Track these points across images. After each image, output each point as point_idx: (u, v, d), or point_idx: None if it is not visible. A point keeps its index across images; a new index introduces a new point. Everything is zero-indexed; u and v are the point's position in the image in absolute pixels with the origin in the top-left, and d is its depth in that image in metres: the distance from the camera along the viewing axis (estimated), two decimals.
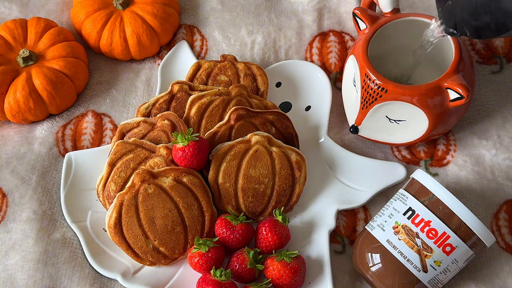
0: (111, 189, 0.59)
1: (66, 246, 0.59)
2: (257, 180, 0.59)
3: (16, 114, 0.65)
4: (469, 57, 0.60)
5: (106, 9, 0.70)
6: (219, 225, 0.57)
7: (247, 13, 0.73)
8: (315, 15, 0.72)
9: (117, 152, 0.60)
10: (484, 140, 0.63)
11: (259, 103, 0.63)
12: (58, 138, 0.66)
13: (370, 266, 0.54)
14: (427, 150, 0.64)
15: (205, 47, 0.72)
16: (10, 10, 0.74)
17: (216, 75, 0.67)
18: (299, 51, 0.70)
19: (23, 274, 0.57)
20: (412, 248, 0.52)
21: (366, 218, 0.60)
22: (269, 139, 0.60)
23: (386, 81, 0.57)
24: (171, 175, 0.57)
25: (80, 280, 0.57)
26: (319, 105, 0.66)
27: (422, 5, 0.72)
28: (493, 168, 0.62)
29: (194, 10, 0.74)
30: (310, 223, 0.60)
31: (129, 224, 0.56)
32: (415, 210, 0.53)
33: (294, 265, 0.54)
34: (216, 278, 0.53)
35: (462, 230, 0.52)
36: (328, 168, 0.62)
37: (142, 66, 0.71)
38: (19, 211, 0.61)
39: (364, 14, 0.61)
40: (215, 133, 0.61)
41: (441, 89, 0.57)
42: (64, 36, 0.69)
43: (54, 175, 0.64)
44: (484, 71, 0.67)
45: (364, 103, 0.59)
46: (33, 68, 0.66)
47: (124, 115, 0.68)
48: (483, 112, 0.65)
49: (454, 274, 0.54)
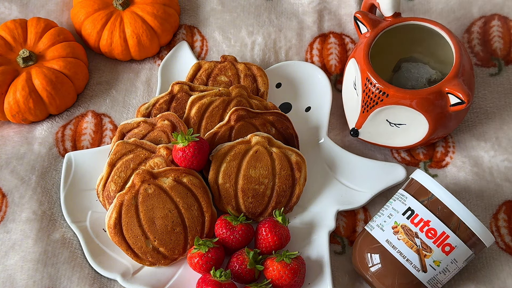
0: (111, 189, 0.59)
1: (65, 247, 0.59)
2: (257, 180, 0.59)
3: (16, 114, 0.65)
4: (469, 61, 0.61)
5: (106, 9, 0.70)
6: (219, 225, 0.57)
7: (248, 13, 0.73)
8: (316, 17, 0.72)
9: (117, 152, 0.60)
10: (482, 142, 0.64)
11: (259, 104, 0.64)
12: (58, 138, 0.66)
13: (369, 266, 0.54)
14: (426, 152, 0.64)
15: (205, 47, 0.72)
16: (10, 10, 0.74)
17: (216, 75, 0.67)
18: (299, 52, 0.71)
19: (23, 275, 0.57)
20: (411, 248, 0.52)
21: (366, 219, 0.61)
22: (269, 140, 0.60)
23: (387, 85, 0.58)
24: (171, 176, 0.57)
25: (80, 281, 0.57)
26: (319, 106, 0.66)
27: (421, 8, 0.72)
28: (491, 169, 0.62)
29: (194, 11, 0.74)
30: (310, 223, 0.60)
31: (129, 224, 0.56)
32: (414, 210, 0.53)
33: (294, 266, 0.54)
34: (216, 278, 0.53)
35: (461, 229, 0.52)
36: (328, 169, 0.63)
37: (142, 66, 0.71)
38: (18, 211, 0.61)
39: (365, 18, 0.62)
40: (215, 133, 0.61)
41: (441, 94, 0.57)
42: (64, 36, 0.69)
43: (54, 175, 0.64)
44: (483, 73, 0.68)
45: (365, 106, 0.59)
46: (33, 68, 0.66)
47: (124, 115, 0.68)
48: (481, 114, 0.66)
49: (453, 274, 0.54)
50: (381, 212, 0.56)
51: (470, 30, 0.70)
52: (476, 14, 0.70)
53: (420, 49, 0.65)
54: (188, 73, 0.67)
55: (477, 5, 0.70)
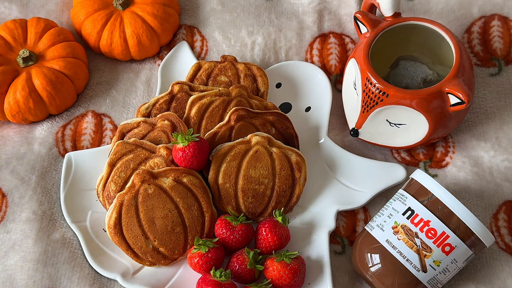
0: (111, 189, 0.59)
1: (65, 247, 0.59)
2: (257, 180, 0.59)
3: (16, 114, 0.65)
4: (469, 61, 0.61)
5: (106, 9, 0.70)
6: (219, 225, 0.57)
7: (248, 13, 0.73)
8: (316, 17, 0.72)
9: (117, 152, 0.60)
10: (482, 142, 0.64)
11: (259, 104, 0.64)
12: (58, 138, 0.66)
13: (369, 266, 0.54)
14: (426, 152, 0.64)
15: (205, 47, 0.72)
16: (10, 10, 0.74)
17: (216, 75, 0.67)
18: (299, 52, 0.71)
19: (23, 275, 0.57)
20: (411, 248, 0.52)
21: (366, 219, 0.61)
22: (269, 140, 0.60)
23: (387, 85, 0.58)
24: (171, 176, 0.57)
25: (80, 281, 0.57)
26: (319, 106, 0.66)
27: (421, 8, 0.72)
28: (491, 169, 0.62)
29: (194, 11, 0.74)
30: (310, 223, 0.60)
31: (129, 224, 0.56)
32: (414, 210, 0.53)
33: (294, 266, 0.54)
34: (216, 278, 0.53)
35: (461, 229, 0.52)
36: (328, 169, 0.63)
37: (142, 66, 0.72)
38: (18, 211, 0.61)
39: (365, 18, 0.62)
40: (215, 133, 0.61)
41: (441, 94, 0.57)
42: (64, 36, 0.69)
43: (54, 175, 0.64)
44: (483, 73, 0.68)
45: (365, 106, 0.59)
46: (33, 68, 0.66)
47: (124, 115, 0.68)
48: (481, 114, 0.66)
49: (453, 274, 0.54)
50: (381, 212, 0.56)
51: (470, 30, 0.70)
52: (476, 14, 0.70)
53: (420, 49, 0.65)
54: (188, 73, 0.67)
55: (477, 5, 0.70)
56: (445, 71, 0.63)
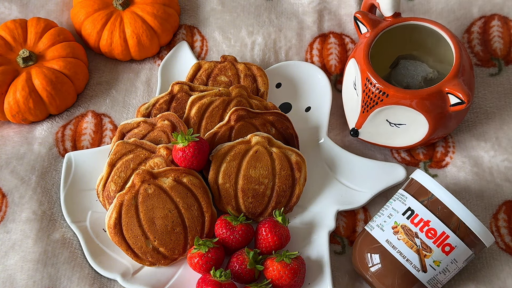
0: (111, 189, 0.59)
1: (65, 247, 0.59)
2: (257, 180, 0.59)
3: (16, 114, 0.65)
4: (469, 61, 0.61)
5: (106, 9, 0.70)
6: (219, 225, 0.57)
7: (248, 13, 0.73)
8: (316, 17, 0.72)
9: (117, 152, 0.60)
10: (482, 142, 0.64)
11: (259, 104, 0.64)
12: (58, 139, 0.66)
13: (369, 266, 0.54)
14: (426, 152, 0.64)
15: (205, 47, 0.72)
16: (10, 10, 0.74)
17: (216, 75, 0.67)
18: (299, 52, 0.71)
19: (23, 275, 0.57)
20: (411, 248, 0.52)
21: (366, 219, 0.61)
22: (269, 140, 0.60)
23: (387, 85, 0.58)
24: (171, 176, 0.57)
25: (80, 281, 0.57)
26: (319, 106, 0.66)
27: (421, 8, 0.72)
28: (491, 169, 0.62)
29: (194, 11, 0.74)
30: (310, 224, 0.60)
31: (129, 224, 0.56)
32: (414, 210, 0.53)
33: (294, 266, 0.54)
34: (216, 278, 0.53)
35: (461, 229, 0.52)
36: (328, 169, 0.63)
37: (142, 66, 0.72)
38: (18, 211, 0.61)
39: (365, 18, 0.62)
40: (215, 133, 0.61)
41: (441, 94, 0.57)
42: (64, 36, 0.69)
43: (54, 175, 0.64)
44: (483, 73, 0.68)
45: (365, 106, 0.59)
46: (33, 68, 0.66)
47: (124, 115, 0.68)
48: (481, 114, 0.66)
49: (453, 274, 0.54)
50: (381, 212, 0.56)
51: (470, 30, 0.70)
52: (476, 14, 0.70)
53: (420, 49, 0.65)
54: (188, 73, 0.67)
55: (477, 5, 0.70)
56: (445, 69, 0.63)
